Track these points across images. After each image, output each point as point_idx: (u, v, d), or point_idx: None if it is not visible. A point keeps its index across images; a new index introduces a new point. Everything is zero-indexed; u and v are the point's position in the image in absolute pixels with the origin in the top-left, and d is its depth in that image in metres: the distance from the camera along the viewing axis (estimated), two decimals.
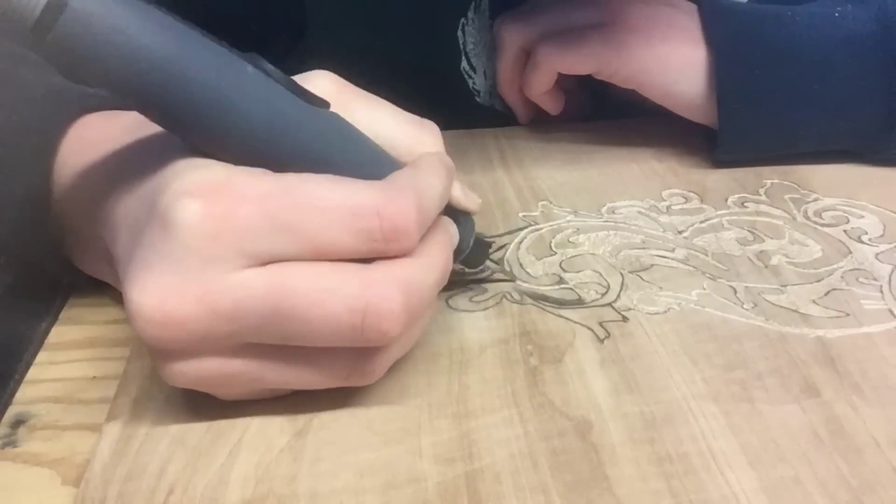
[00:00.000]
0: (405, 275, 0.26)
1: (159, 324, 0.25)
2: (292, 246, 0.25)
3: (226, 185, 0.25)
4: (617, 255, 0.39)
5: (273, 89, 0.26)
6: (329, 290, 0.25)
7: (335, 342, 0.26)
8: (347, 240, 0.25)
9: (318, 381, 0.28)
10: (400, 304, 0.25)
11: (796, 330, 0.34)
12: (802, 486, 0.26)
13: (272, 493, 0.26)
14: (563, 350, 0.33)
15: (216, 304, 0.25)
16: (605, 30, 0.47)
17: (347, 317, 0.25)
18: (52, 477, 0.28)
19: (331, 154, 0.27)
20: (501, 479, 0.27)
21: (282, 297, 0.25)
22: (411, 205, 0.26)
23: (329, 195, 0.25)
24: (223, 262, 0.25)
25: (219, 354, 0.26)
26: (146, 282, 0.25)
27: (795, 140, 0.46)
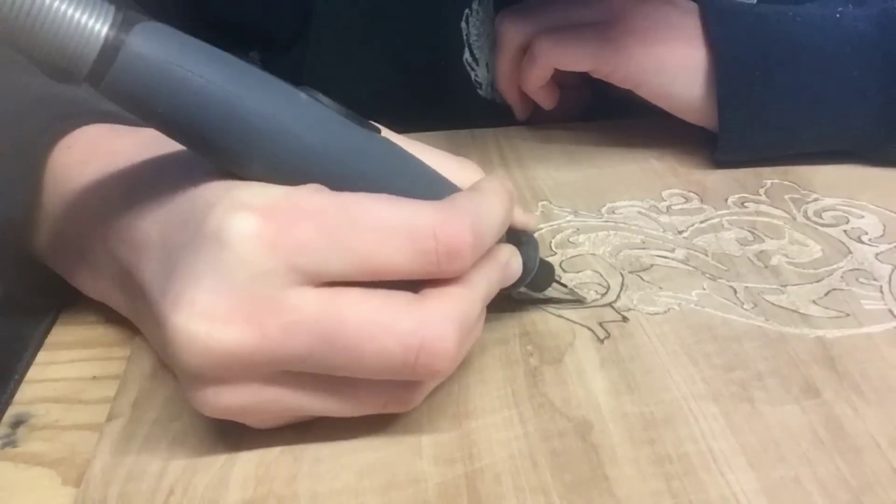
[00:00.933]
0: (459, 311, 0.26)
1: (202, 347, 0.24)
2: (348, 264, 0.24)
3: (283, 200, 0.24)
4: (617, 255, 0.39)
5: (327, 115, 0.26)
6: (383, 325, 0.24)
7: (384, 376, 0.25)
8: (403, 261, 0.25)
9: (354, 410, 0.27)
10: (454, 343, 0.25)
11: (796, 330, 0.34)
12: (802, 487, 0.26)
13: (272, 494, 0.26)
14: (563, 350, 0.33)
15: (265, 327, 0.24)
16: (604, 28, 0.46)
17: (401, 354, 0.24)
18: (52, 477, 0.28)
19: (387, 176, 0.27)
20: (501, 479, 0.27)
21: (333, 327, 0.24)
22: (468, 227, 0.25)
23: (387, 214, 0.25)
24: (276, 278, 0.24)
25: (258, 381, 0.25)
26: (186, 301, 0.24)
27: (795, 141, 0.46)
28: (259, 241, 0.24)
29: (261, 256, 0.24)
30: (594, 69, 0.47)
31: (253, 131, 0.24)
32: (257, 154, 0.25)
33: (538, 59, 0.47)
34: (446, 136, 0.51)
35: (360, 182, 0.26)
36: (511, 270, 0.30)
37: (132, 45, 0.23)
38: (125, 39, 0.22)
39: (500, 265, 0.29)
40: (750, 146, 0.46)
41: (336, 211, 0.25)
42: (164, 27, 0.24)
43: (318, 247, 0.24)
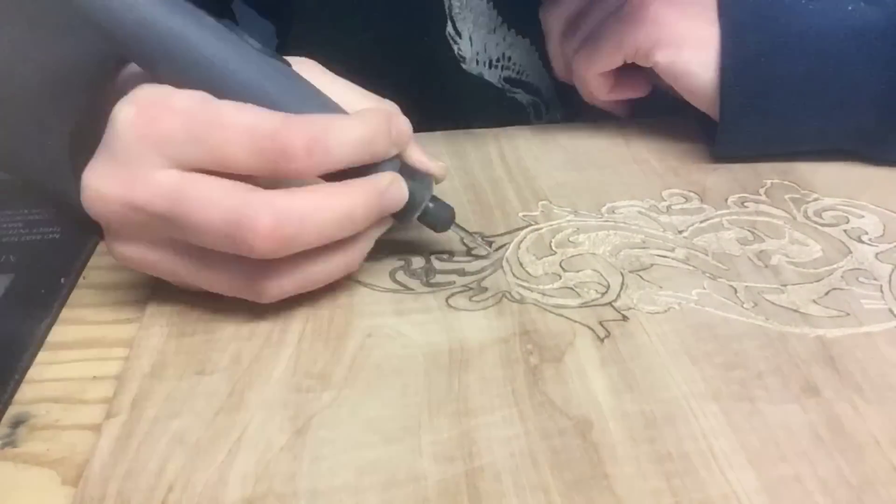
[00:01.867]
0: (284, 202, 0.30)
1: (91, 199, 0.30)
2: (201, 156, 0.30)
3: (161, 98, 0.30)
4: (617, 255, 0.39)
5: (229, 38, 0.31)
6: (212, 200, 0.29)
7: (217, 246, 0.30)
8: (245, 157, 0.30)
9: (217, 285, 0.33)
10: (267, 225, 0.29)
11: (796, 329, 0.34)
12: (803, 485, 0.26)
13: (272, 492, 0.26)
14: (563, 349, 0.32)
15: (132, 193, 0.30)
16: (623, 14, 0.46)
17: (223, 226, 0.29)
18: (51, 477, 0.28)
19: (271, 94, 0.31)
20: (501, 477, 0.27)
21: (177, 200, 0.30)
22: (304, 133, 0.30)
23: (238, 116, 0.30)
24: (145, 160, 0.30)
25: (145, 242, 0.32)
26: (92, 165, 0.31)
27: (796, 135, 0.46)
28: (133, 130, 0.30)
29: (133, 141, 0.30)
30: (627, 56, 0.47)
31: (157, 41, 0.30)
32: (160, 61, 0.31)
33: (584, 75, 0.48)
34: (445, 137, 0.51)
35: (245, 97, 0.31)
36: (390, 194, 0.33)
37: None
38: None
39: (374, 185, 0.33)
40: (750, 137, 0.46)
41: (198, 110, 0.30)
42: None
43: (178, 138, 0.29)
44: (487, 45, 0.55)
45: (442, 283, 0.37)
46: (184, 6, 0.31)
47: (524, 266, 0.38)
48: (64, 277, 0.37)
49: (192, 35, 0.31)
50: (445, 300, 0.36)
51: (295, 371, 0.31)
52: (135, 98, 0.30)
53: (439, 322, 0.34)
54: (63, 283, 0.37)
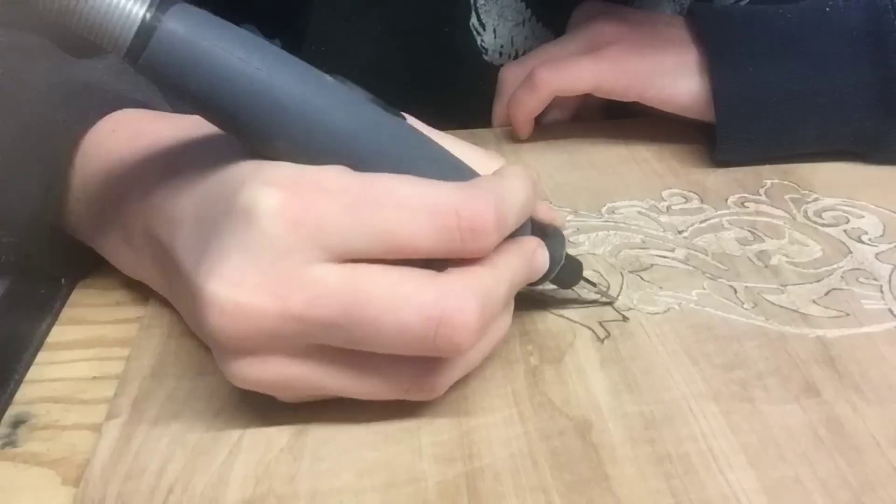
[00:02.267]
0: (481, 285, 0.26)
1: (230, 316, 0.25)
2: (370, 241, 0.25)
3: (308, 178, 0.25)
4: (617, 255, 0.39)
5: (353, 96, 0.27)
6: (404, 297, 0.25)
7: (404, 350, 0.26)
8: (425, 238, 0.25)
9: (378, 391, 0.28)
10: (475, 316, 0.25)
11: (796, 330, 0.34)
12: (802, 486, 0.26)
13: (272, 493, 0.26)
14: (563, 350, 0.32)
15: (289, 300, 0.24)
16: (597, 52, 0.47)
17: (420, 326, 0.25)
18: (52, 477, 0.28)
19: (411, 160, 0.27)
20: (501, 478, 0.27)
21: (355, 299, 0.25)
22: (490, 206, 0.26)
23: (409, 192, 0.25)
24: (300, 254, 0.24)
25: (285, 355, 0.26)
26: (221, 272, 0.25)
27: (794, 138, 0.46)
28: (283, 218, 0.24)
29: (284, 233, 0.24)
30: (595, 87, 0.47)
31: (281, 110, 0.25)
32: (284, 133, 0.26)
33: (539, 88, 0.47)
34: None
35: (384, 164, 0.27)
36: (538, 261, 0.30)
37: (167, 24, 0.24)
38: (161, 18, 0.24)
39: (526, 254, 0.29)
40: (749, 143, 0.46)
41: (359, 189, 0.25)
42: (198, 10, 0.25)
43: (341, 224, 0.25)
44: (514, 38, 0.56)
45: None
46: (302, 65, 0.26)
47: None
48: (64, 277, 0.37)
49: (318, 100, 0.26)
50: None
51: None
52: (275, 180, 0.25)
53: None
54: (63, 283, 0.37)
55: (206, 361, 0.32)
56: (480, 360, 0.29)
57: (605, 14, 0.50)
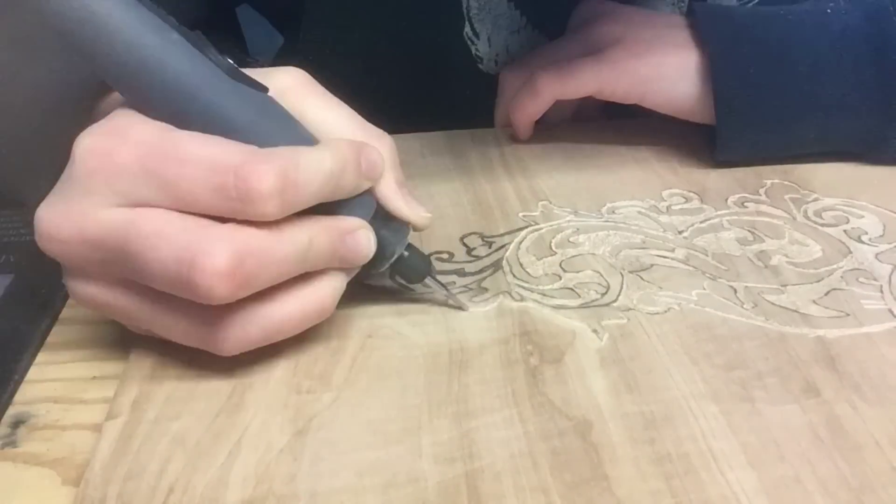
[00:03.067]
0: (245, 239, 0.27)
1: (45, 238, 0.29)
2: (155, 192, 0.27)
3: (119, 129, 0.28)
4: (617, 255, 0.39)
5: (192, 57, 0.28)
6: (164, 237, 0.27)
7: (171, 290, 0.28)
8: (203, 193, 0.27)
9: (175, 332, 0.30)
10: (224, 264, 0.26)
11: (796, 330, 0.34)
12: (802, 486, 0.26)
13: (272, 493, 0.26)
14: (563, 350, 0.32)
15: (85, 232, 0.28)
16: (598, 55, 0.47)
17: (174, 265, 0.27)
18: (52, 477, 0.28)
19: (239, 125, 0.28)
20: (501, 478, 0.27)
21: (129, 237, 0.27)
22: (272, 170, 0.27)
23: (196, 150, 0.27)
24: (98, 196, 0.28)
25: (100, 280, 0.30)
26: (48, 200, 0.29)
27: (794, 140, 0.46)
28: (86, 164, 0.28)
29: (86, 176, 0.28)
30: (598, 90, 0.47)
31: (117, 61, 0.28)
32: (119, 80, 0.28)
33: (541, 92, 0.47)
34: (445, 136, 0.51)
35: (210, 127, 0.28)
36: (354, 242, 0.31)
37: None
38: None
39: (337, 230, 0.30)
40: (749, 144, 0.46)
41: (155, 142, 0.27)
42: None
43: (131, 172, 0.27)
44: (510, 46, 0.56)
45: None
46: (144, 13, 0.28)
47: (524, 266, 0.38)
48: None
49: (149, 46, 0.27)
50: (446, 300, 0.35)
51: (295, 372, 0.31)
52: (95, 128, 0.28)
53: (439, 323, 0.34)
54: (63, 283, 0.37)
55: (207, 361, 0.32)
56: (284, 326, 0.30)
57: (605, 15, 0.50)
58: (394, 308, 0.35)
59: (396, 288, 0.35)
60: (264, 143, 0.28)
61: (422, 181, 0.46)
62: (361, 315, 0.34)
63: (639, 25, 0.48)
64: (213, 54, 0.29)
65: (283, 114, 0.30)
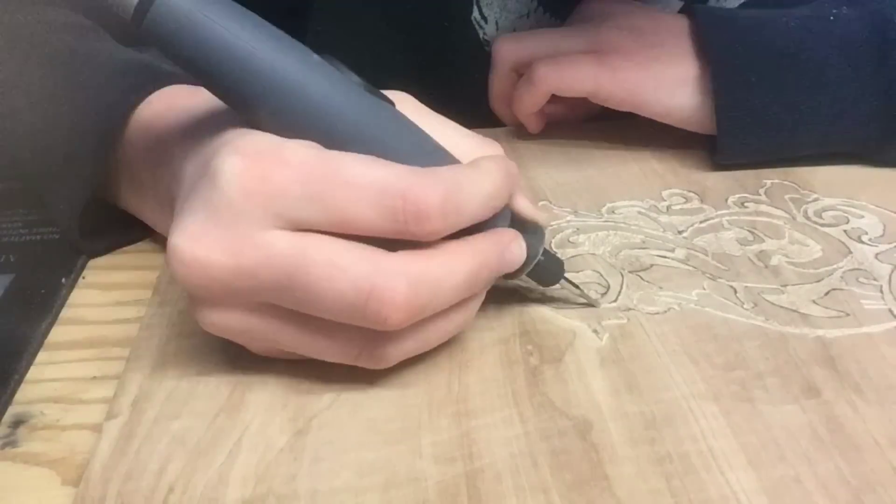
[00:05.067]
0: (418, 269, 0.27)
1: (187, 266, 0.27)
2: (319, 215, 0.27)
3: (271, 149, 0.27)
4: (617, 255, 0.39)
5: (335, 77, 0.28)
6: (340, 267, 0.26)
7: (340, 318, 0.27)
8: (370, 217, 0.27)
9: (329, 353, 0.29)
10: (403, 295, 0.27)
11: (796, 330, 0.34)
12: (802, 486, 0.26)
13: (272, 493, 0.26)
14: (563, 350, 0.32)
15: (240, 257, 0.27)
16: (598, 55, 0.47)
17: (353, 296, 0.26)
18: (52, 477, 0.28)
19: (385, 142, 0.28)
20: (502, 478, 0.27)
21: (298, 265, 0.26)
22: (438, 192, 0.27)
23: (361, 171, 0.27)
24: (254, 219, 0.27)
25: (241, 308, 0.28)
26: (185, 226, 0.27)
27: (795, 145, 0.46)
28: (240, 185, 0.27)
29: (241, 198, 0.27)
30: (593, 93, 0.47)
31: (260, 81, 0.27)
32: (263, 103, 0.28)
33: (537, 84, 0.47)
34: None
35: (358, 144, 0.28)
36: (511, 253, 0.31)
37: None
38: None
39: (498, 245, 0.30)
40: (750, 150, 0.46)
41: (315, 164, 0.27)
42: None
43: (293, 195, 0.26)
44: (518, 31, 0.55)
45: None
46: (287, 40, 0.28)
47: None
48: (64, 277, 0.37)
49: (296, 73, 0.27)
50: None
51: (295, 372, 0.31)
52: (240, 148, 0.27)
53: None
54: (63, 283, 0.37)
55: (207, 361, 0.32)
56: (437, 339, 0.31)
57: (613, 16, 0.49)
58: None
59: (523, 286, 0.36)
60: (409, 157, 0.28)
61: None
62: None
63: (643, 33, 0.48)
64: (347, 72, 0.29)
65: (416, 128, 0.30)
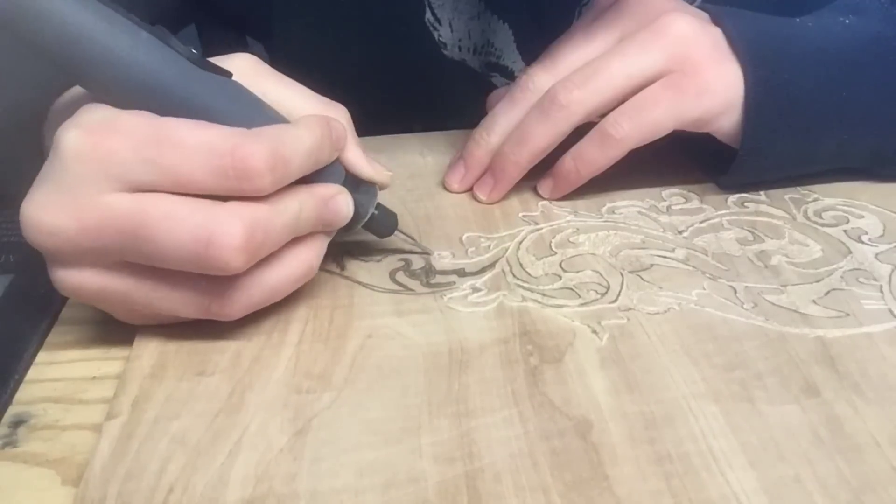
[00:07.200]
0: (251, 213, 0.29)
1: (37, 231, 0.29)
2: (154, 177, 0.28)
3: (106, 119, 0.29)
4: (617, 255, 0.39)
5: (163, 52, 0.30)
6: (178, 219, 0.28)
7: (185, 266, 0.29)
8: (202, 175, 0.28)
9: (182, 307, 0.31)
10: (240, 238, 0.29)
11: (796, 330, 0.34)
12: (802, 486, 0.26)
13: (272, 493, 0.26)
14: (563, 350, 0.32)
15: (83, 220, 0.28)
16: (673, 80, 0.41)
17: (192, 244, 0.28)
18: (52, 477, 0.28)
19: (214, 110, 0.30)
20: (501, 478, 0.27)
21: (138, 221, 0.28)
22: (264, 149, 0.29)
23: (189, 133, 0.29)
24: (93, 184, 0.28)
25: (93, 267, 0.30)
26: (32, 196, 0.29)
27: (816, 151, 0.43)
28: (77, 153, 0.28)
29: (78, 165, 0.28)
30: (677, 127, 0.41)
31: (91, 57, 0.29)
32: (95, 79, 0.29)
33: (621, 143, 0.41)
34: (445, 136, 0.51)
35: (188, 112, 0.30)
36: (335, 205, 0.33)
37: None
38: None
39: (320, 196, 0.33)
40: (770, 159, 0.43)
41: (147, 129, 0.29)
42: None
43: (127, 159, 0.28)
44: (472, 32, 0.55)
45: (442, 284, 0.37)
46: (115, 17, 0.29)
47: (524, 266, 0.38)
48: None
49: (123, 47, 0.29)
50: (445, 300, 0.36)
51: (295, 372, 0.31)
52: (78, 121, 0.29)
53: (439, 322, 0.34)
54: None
55: (206, 361, 0.32)
56: (281, 287, 0.33)
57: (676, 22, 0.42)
58: (394, 308, 0.35)
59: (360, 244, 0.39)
60: (240, 125, 0.30)
61: (422, 181, 0.46)
62: (361, 315, 0.35)
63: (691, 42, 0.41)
64: (178, 46, 0.30)
65: (251, 96, 0.32)
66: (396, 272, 0.37)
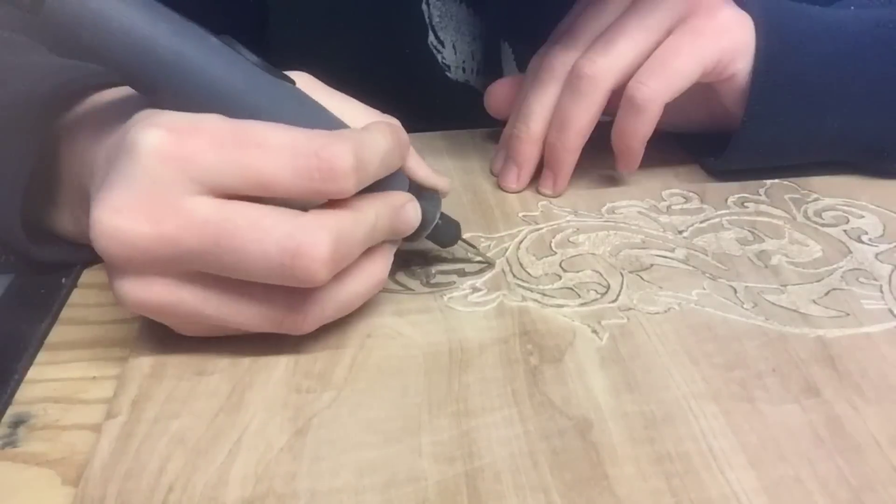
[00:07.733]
0: (336, 223, 0.29)
1: (110, 237, 0.27)
2: (237, 178, 0.28)
3: (186, 121, 0.28)
4: (617, 255, 0.39)
5: (233, 58, 0.30)
6: (265, 229, 0.27)
7: (268, 278, 0.28)
8: (286, 176, 0.28)
9: (254, 322, 0.30)
10: (327, 249, 0.28)
11: (796, 330, 0.34)
12: (803, 486, 0.26)
13: (272, 492, 0.26)
14: (563, 349, 0.32)
15: (162, 225, 0.27)
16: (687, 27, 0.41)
17: (278, 255, 0.27)
18: (52, 477, 0.28)
19: (285, 116, 0.30)
20: (501, 478, 0.27)
21: (222, 227, 0.27)
22: (348, 150, 0.28)
23: (273, 135, 0.28)
24: (174, 187, 0.27)
25: (164, 277, 0.29)
26: (105, 199, 0.28)
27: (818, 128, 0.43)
28: (158, 153, 0.27)
29: (159, 166, 0.27)
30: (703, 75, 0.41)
31: (161, 65, 0.28)
32: (166, 87, 0.29)
33: (647, 108, 0.40)
34: (445, 136, 0.51)
35: (257, 118, 0.29)
36: (406, 214, 0.33)
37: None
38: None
39: (393, 205, 0.32)
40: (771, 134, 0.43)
41: (229, 131, 0.28)
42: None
43: (209, 160, 0.27)
44: (475, 53, 0.55)
45: (442, 284, 0.37)
46: (184, 24, 0.29)
47: (524, 266, 0.38)
48: (64, 277, 0.37)
49: (196, 56, 0.29)
50: (445, 300, 0.36)
51: (295, 371, 0.31)
52: (157, 121, 0.28)
53: (439, 322, 0.34)
54: (63, 283, 0.37)
55: (207, 361, 0.32)
56: (353, 301, 0.32)
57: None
58: (394, 308, 0.35)
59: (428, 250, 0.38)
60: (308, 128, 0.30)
61: None
62: (361, 315, 0.34)
63: None
64: (247, 53, 0.30)
65: (316, 104, 0.32)
66: (396, 272, 0.37)
